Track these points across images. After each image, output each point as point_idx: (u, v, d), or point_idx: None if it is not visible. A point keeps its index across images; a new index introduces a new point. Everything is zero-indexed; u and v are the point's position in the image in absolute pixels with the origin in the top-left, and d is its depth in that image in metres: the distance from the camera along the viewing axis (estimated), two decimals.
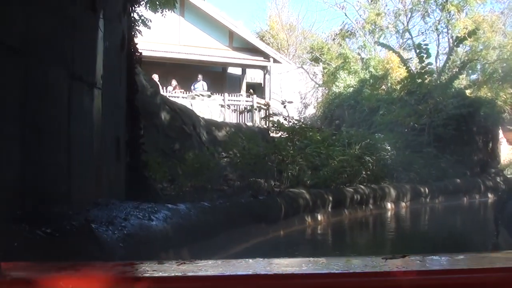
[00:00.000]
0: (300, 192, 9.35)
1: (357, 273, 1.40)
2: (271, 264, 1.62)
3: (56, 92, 4.21)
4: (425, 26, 24.72)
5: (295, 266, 1.61)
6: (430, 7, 22.98)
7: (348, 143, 13.15)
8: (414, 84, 15.26)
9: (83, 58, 4.69)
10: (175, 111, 9.56)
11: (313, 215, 9.75)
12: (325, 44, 33.61)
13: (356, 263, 1.60)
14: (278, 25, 42.45)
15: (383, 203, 12.49)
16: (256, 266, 1.55)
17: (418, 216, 12.93)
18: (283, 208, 8.33)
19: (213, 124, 10.72)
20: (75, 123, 4.50)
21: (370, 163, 12.66)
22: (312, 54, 32.59)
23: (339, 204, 10.72)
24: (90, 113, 4.87)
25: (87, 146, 4.83)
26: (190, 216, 5.56)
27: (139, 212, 4.89)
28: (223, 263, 1.58)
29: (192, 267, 1.45)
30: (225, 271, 1.43)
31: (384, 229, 10.74)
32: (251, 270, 1.45)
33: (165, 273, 1.37)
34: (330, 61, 28.42)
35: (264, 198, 8.02)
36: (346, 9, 29.43)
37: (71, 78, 4.37)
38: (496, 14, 24.50)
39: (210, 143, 10.19)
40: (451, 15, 21.81)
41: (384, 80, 17.34)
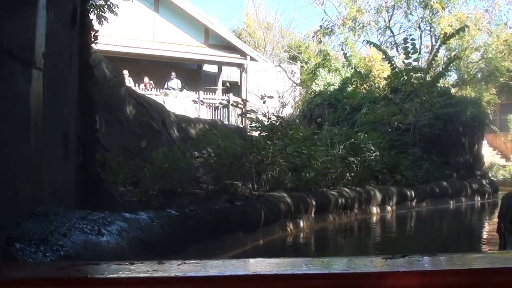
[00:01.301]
0: (281, 196, 8.42)
1: (358, 273, 1.40)
2: (271, 264, 1.56)
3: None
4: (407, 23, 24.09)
5: (295, 266, 1.54)
6: (413, 4, 22.30)
7: (331, 142, 12.27)
8: (401, 81, 14.42)
9: (14, 27, 3.68)
10: (142, 104, 8.53)
11: (295, 221, 8.84)
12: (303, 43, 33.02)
13: (356, 263, 1.57)
14: (255, 23, 41.98)
15: (368, 208, 11.64)
16: (257, 266, 1.56)
17: (405, 222, 12.12)
18: (263, 214, 7.39)
19: (185, 120, 9.71)
20: (1, 110, 3.51)
21: (355, 164, 11.80)
22: (289, 53, 31.99)
23: (322, 209, 9.83)
24: (25, 100, 3.86)
25: (20, 141, 3.82)
26: (152, 227, 4.57)
27: (87, 224, 3.90)
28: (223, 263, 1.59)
29: (193, 267, 1.44)
30: (225, 271, 1.41)
31: (370, 236, 9.88)
32: (251, 270, 1.46)
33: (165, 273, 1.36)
34: (308, 59, 27.70)
35: (242, 203, 7.05)
36: (326, 6, 28.68)
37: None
38: (480, 12, 23.97)
39: (181, 141, 9.18)
40: (434, 13, 21.17)
41: (367, 78, 16.49)
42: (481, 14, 23.57)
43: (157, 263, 1.44)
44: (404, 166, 13.46)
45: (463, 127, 15.90)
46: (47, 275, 1.36)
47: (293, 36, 39.62)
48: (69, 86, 4.87)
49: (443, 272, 1.43)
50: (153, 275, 1.32)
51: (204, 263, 1.47)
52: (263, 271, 1.42)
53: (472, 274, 1.39)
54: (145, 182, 6.85)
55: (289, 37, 39.65)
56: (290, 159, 10.12)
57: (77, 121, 5.11)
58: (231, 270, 1.43)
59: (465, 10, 23.33)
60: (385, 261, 1.46)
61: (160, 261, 1.46)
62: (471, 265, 1.52)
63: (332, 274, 1.38)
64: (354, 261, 1.61)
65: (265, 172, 8.90)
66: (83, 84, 5.15)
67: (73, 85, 4.98)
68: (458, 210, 14.38)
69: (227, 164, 8.35)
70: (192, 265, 1.44)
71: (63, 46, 4.70)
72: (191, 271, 1.39)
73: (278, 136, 9.23)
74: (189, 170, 8.54)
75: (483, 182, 16.38)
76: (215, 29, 26.04)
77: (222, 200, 7.01)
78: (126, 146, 7.90)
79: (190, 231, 5.29)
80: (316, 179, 10.49)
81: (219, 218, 6.16)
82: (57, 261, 3.00)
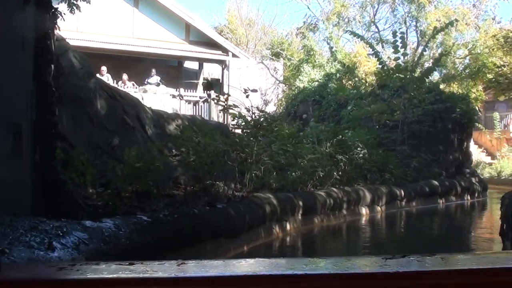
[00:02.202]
0: (266, 197, 7.76)
1: (358, 273, 1.39)
2: (272, 264, 1.52)
3: None
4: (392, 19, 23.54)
5: (295, 266, 1.46)
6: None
7: (318, 140, 11.65)
8: (389, 77, 13.82)
9: None
10: (115, 98, 7.79)
11: (282, 224, 8.19)
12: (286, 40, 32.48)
13: (357, 263, 1.53)
14: (237, 19, 41.52)
15: (357, 208, 11.05)
16: (257, 266, 1.54)
17: (395, 223, 11.56)
18: (247, 218, 6.73)
19: (162, 115, 8.96)
20: None
21: (342, 163, 11.19)
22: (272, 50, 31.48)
23: (310, 210, 9.21)
24: None
25: None
26: (118, 237, 3.88)
27: (36, 236, 3.20)
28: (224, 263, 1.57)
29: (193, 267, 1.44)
30: (225, 272, 1.39)
31: (361, 239, 9.28)
32: (251, 270, 1.43)
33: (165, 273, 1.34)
34: (291, 56, 27.13)
35: (224, 206, 6.38)
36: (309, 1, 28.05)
37: None
38: (467, 7, 23.49)
39: (158, 138, 8.46)
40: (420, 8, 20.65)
41: (352, 74, 15.88)
42: (468, 9, 23.16)
43: (157, 263, 1.42)
44: (393, 164, 12.89)
45: (452, 124, 15.39)
46: (47, 275, 1.35)
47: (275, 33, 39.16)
48: (20, 70, 4.15)
49: (443, 272, 1.41)
50: (153, 275, 1.32)
51: (204, 263, 1.47)
52: (263, 271, 1.40)
53: (473, 274, 1.39)
54: (116, 183, 6.13)
55: (271, 34, 39.18)
56: (275, 157, 9.49)
57: (32, 112, 4.40)
58: (231, 270, 1.44)
59: (452, 5, 22.99)
60: (385, 261, 1.44)
61: (160, 261, 1.43)
62: (471, 265, 1.49)
63: (333, 275, 1.37)
64: (354, 261, 1.55)
65: (249, 172, 8.24)
66: (40, 70, 4.43)
67: (26, 70, 4.26)
68: (449, 210, 13.87)
69: (208, 163, 7.66)
70: (192, 265, 1.45)
71: (12, 23, 3.98)
72: (191, 271, 1.40)
73: (262, 133, 8.55)
74: (166, 169, 7.84)
75: (472, 180, 15.88)
76: (196, 25, 25.23)
77: (202, 203, 6.33)
78: (96, 143, 7.17)
79: (164, 239, 4.61)
80: (302, 178, 9.87)
81: (198, 223, 5.48)
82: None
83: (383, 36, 24.34)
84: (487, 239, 8.93)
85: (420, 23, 21.71)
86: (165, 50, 24.30)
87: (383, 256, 1.47)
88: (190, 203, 6.21)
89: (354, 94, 16.80)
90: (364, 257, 1.79)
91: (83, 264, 1.46)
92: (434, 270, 1.43)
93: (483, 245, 8.43)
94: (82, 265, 1.44)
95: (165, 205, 6.22)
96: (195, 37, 25.42)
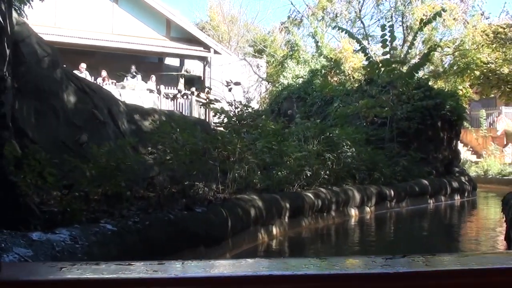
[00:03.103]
0: (251, 199, 7.10)
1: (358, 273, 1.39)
2: (272, 265, 1.55)
3: None
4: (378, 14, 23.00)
5: (296, 266, 1.47)
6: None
7: (305, 137, 11.01)
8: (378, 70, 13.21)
9: None
10: (84, 91, 7.06)
11: (267, 228, 7.54)
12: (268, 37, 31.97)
13: (357, 264, 1.55)
14: (219, 16, 41.13)
15: (346, 209, 10.45)
16: (257, 267, 1.53)
17: (386, 225, 10.98)
18: (229, 223, 6.06)
19: (137, 110, 8.23)
20: None
21: (330, 161, 10.56)
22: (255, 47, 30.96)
23: (297, 212, 8.58)
24: None
25: None
26: (73, 251, 3.19)
27: None
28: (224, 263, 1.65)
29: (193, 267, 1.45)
30: (225, 272, 1.41)
31: (351, 242, 8.67)
32: (252, 270, 1.42)
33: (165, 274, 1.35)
34: (274, 53, 26.59)
35: (204, 210, 5.71)
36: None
37: None
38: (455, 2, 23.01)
39: (132, 135, 7.74)
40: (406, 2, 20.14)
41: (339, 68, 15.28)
42: (456, 4, 22.70)
43: (157, 263, 1.41)
44: (382, 163, 12.31)
45: (441, 121, 14.87)
46: (47, 275, 1.33)
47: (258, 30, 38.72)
48: None
49: (444, 273, 1.39)
50: (153, 275, 1.31)
51: (204, 263, 1.48)
52: (263, 272, 1.39)
53: (473, 274, 1.37)
54: (82, 185, 5.43)
55: (254, 31, 38.74)
56: (260, 155, 8.84)
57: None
58: (231, 270, 1.43)
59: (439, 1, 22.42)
60: (385, 261, 1.42)
61: (160, 261, 1.43)
62: (471, 265, 1.46)
63: (333, 275, 1.35)
64: (354, 262, 1.56)
65: (232, 171, 7.57)
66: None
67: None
68: (440, 210, 13.33)
69: (186, 161, 6.99)
70: (192, 265, 1.45)
71: None
72: (191, 271, 1.40)
73: (246, 129, 7.89)
74: (141, 169, 7.15)
75: (462, 179, 15.39)
76: (177, 21, 24.79)
77: (179, 207, 5.65)
78: (62, 140, 6.45)
79: (133, 251, 3.93)
80: (289, 178, 9.24)
81: (173, 230, 4.80)
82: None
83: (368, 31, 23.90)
84: (485, 242, 8.39)
85: (406, 19, 21.22)
86: (146, 47, 23.87)
87: (383, 256, 1.46)
88: (166, 207, 5.52)
89: (340, 90, 16.21)
90: (364, 257, 1.58)
91: (83, 264, 1.42)
92: (434, 270, 1.41)
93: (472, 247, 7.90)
94: (82, 265, 1.41)
95: (138, 209, 5.53)
96: (176, 34, 25.04)
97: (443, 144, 15.22)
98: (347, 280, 1.33)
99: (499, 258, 1.78)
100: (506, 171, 20.70)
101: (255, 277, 1.31)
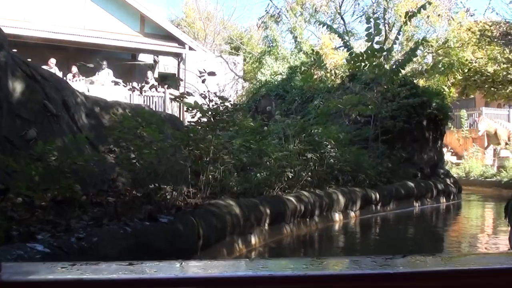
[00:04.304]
0: (226, 204, 6.20)
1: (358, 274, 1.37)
2: (272, 265, 1.53)
3: None
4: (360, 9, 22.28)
5: (296, 267, 1.46)
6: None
7: (285, 136, 10.14)
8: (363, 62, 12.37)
9: None
10: (34, 78, 6.05)
11: (245, 237, 6.65)
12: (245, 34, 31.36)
13: (357, 264, 1.48)
14: (195, 12, 40.54)
15: (330, 214, 9.63)
16: (258, 267, 1.50)
17: (373, 230, 10.21)
18: (201, 233, 5.16)
19: (99, 103, 7.23)
20: None
21: (312, 162, 9.72)
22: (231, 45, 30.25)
23: (278, 219, 7.71)
24: None
25: None
26: None
27: None
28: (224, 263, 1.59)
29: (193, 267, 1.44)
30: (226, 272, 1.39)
31: (335, 252, 7.82)
32: (252, 270, 1.42)
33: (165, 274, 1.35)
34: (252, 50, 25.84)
35: (170, 219, 4.78)
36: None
37: None
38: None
39: (92, 130, 6.79)
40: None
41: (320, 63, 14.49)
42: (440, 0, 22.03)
43: (158, 263, 1.40)
44: (367, 164, 11.52)
45: (427, 120, 14.16)
46: (47, 275, 1.31)
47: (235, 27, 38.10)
48: None
49: (444, 273, 1.38)
50: (153, 276, 1.31)
51: (204, 263, 1.53)
52: (263, 272, 1.38)
53: (473, 275, 1.37)
54: (21, 189, 4.47)
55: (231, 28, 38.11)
56: (237, 155, 7.95)
57: None
58: (231, 270, 1.42)
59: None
60: (385, 261, 1.41)
61: (160, 261, 1.42)
62: (471, 266, 1.46)
63: (332, 275, 1.35)
64: (354, 262, 1.51)
65: (205, 173, 6.65)
66: None
67: None
68: (427, 214, 12.61)
69: (154, 162, 6.05)
70: (192, 266, 1.44)
71: None
72: (191, 272, 1.39)
73: (222, 125, 6.97)
74: (101, 170, 6.21)
75: (447, 181, 14.70)
76: (152, 17, 24.11)
77: (142, 215, 4.72)
78: (5, 135, 5.46)
79: None
80: (269, 180, 8.36)
81: (131, 246, 3.87)
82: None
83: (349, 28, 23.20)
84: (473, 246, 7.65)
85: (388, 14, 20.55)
86: (118, 42, 23.09)
87: (383, 256, 1.44)
88: (125, 216, 4.58)
89: (322, 88, 15.39)
90: (364, 257, 1.46)
91: (83, 264, 1.38)
92: (434, 270, 1.39)
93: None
94: (82, 265, 1.38)
95: (91, 219, 4.59)
96: (150, 30, 24.35)
97: (429, 144, 14.52)
98: (347, 281, 1.31)
99: (499, 258, 1.74)
100: (489, 173, 20.19)
101: (255, 277, 1.30)
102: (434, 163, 14.80)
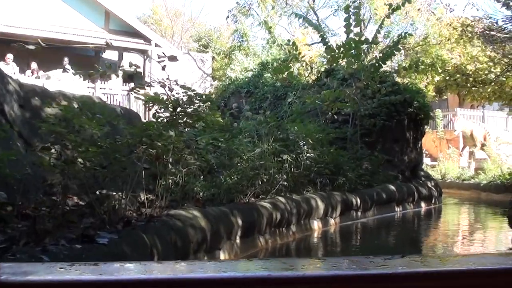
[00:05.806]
0: (190, 216, 5.08)
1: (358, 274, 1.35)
2: (271, 265, 1.48)
3: None
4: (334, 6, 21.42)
5: (295, 267, 1.43)
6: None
7: (258, 134, 9.07)
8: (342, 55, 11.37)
9: None
10: None
11: (213, 254, 5.54)
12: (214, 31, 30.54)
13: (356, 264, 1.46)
14: (162, 9, 39.71)
15: (308, 222, 8.61)
16: (256, 267, 1.49)
17: (353, 239, 9.24)
18: (156, 254, 4.04)
19: (37, 92, 6.04)
20: None
21: (288, 164, 8.68)
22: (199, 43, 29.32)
23: (251, 230, 6.65)
24: None
25: None
26: None
27: None
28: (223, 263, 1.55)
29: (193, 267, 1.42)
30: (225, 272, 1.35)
31: None
32: (250, 271, 1.40)
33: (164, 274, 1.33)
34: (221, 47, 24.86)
35: (113, 238, 3.65)
36: None
37: None
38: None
39: (25, 125, 5.61)
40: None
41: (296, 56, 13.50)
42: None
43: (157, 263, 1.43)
44: (347, 166, 10.53)
45: (408, 120, 13.28)
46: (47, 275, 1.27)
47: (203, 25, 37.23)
48: None
49: (444, 273, 1.35)
50: (152, 276, 1.30)
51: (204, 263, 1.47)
52: (263, 272, 1.35)
53: (473, 275, 1.35)
54: None
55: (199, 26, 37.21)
56: (203, 155, 6.83)
57: None
58: (232, 271, 1.39)
59: None
60: (384, 261, 1.39)
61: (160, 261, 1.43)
62: (471, 266, 1.43)
63: (332, 276, 1.32)
64: (353, 262, 1.48)
65: (164, 176, 5.51)
66: None
67: None
68: (409, 220, 11.72)
69: (102, 163, 4.91)
70: (192, 266, 1.42)
71: None
72: (190, 272, 1.38)
73: (186, 120, 5.85)
74: (36, 173, 5.05)
75: (428, 184, 13.86)
76: (117, 12, 23.29)
77: (73, 234, 3.57)
78: None
79: None
80: (240, 185, 7.26)
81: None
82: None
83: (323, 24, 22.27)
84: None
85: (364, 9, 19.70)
86: (81, 38, 21.72)
87: (382, 257, 1.42)
88: (52, 235, 3.43)
89: (296, 83, 14.38)
90: (363, 258, 1.42)
91: (81, 265, 1.37)
92: (434, 270, 1.38)
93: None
94: (81, 265, 1.37)
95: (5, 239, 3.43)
96: (116, 26, 23.59)
97: (409, 145, 13.65)
98: (346, 281, 1.30)
99: (498, 259, 1.73)
100: (466, 175, 19.53)
101: (255, 278, 1.29)
102: (415, 164, 13.96)
